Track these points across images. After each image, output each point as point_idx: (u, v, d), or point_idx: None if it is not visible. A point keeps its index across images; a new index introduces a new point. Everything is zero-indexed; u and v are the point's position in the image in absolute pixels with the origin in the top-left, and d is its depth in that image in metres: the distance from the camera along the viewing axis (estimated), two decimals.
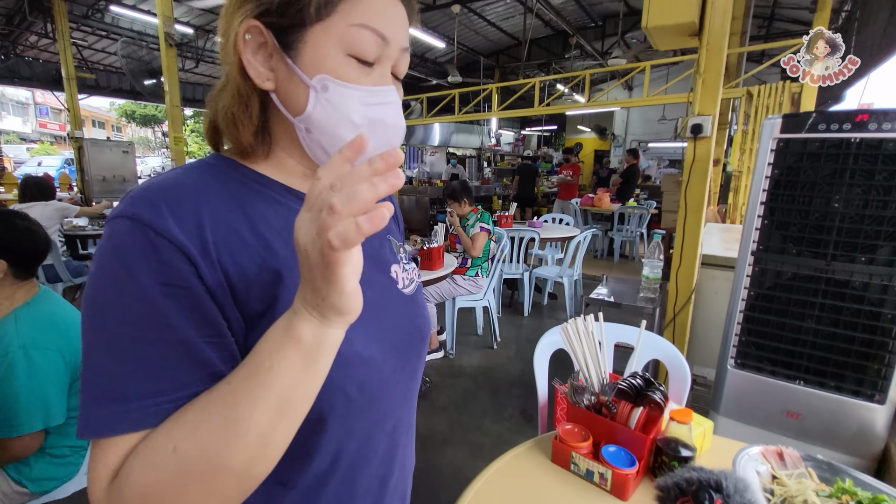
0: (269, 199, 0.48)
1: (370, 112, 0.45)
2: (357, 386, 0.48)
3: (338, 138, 0.45)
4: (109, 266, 0.39)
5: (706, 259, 2.17)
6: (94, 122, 26.26)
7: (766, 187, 1.50)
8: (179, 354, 0.38)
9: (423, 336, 0.60)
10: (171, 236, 0.38)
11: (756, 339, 1.59)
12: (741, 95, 4.01)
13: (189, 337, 0.38)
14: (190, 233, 0.40)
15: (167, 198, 0.41)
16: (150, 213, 0.39)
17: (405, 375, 0.57)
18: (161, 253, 0.38)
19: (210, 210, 0.42)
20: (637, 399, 0.83)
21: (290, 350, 0.36)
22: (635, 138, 13.23)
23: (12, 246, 1.14)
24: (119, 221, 0.39)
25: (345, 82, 0.44)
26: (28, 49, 8.96)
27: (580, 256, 3.86)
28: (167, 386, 0.37)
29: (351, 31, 0.44)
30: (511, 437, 2.23)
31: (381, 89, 0.46)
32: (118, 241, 0.39)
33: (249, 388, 0.36)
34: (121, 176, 7.37)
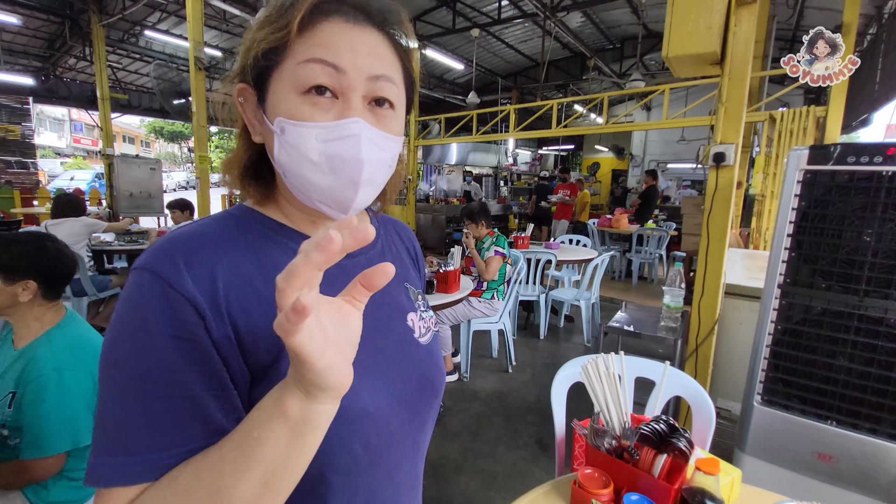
0: (283, 247, 0.49)
1: (328, 149, 0.44)
2: (362, 443, 0.47)
3: (304, 179, 0.45)
4: (127, 318, 0.41)
5: (730, 288, 2.12)
6: (125, 138, 27.29)
7: (794, 219, 1.47)
8: (185, 409, 0.39)
9: (435, 389, 0.58)
10: (184, 290, 0.40)
11: (784, 375, 1.53)
12: (764, 119, 3.96)
13: (195, 392, 0.39)
14: (203, 287, 0.41)
15: (186, 252, 0.43)
16: (168, 266, 0.41)
17: (413, 429, 0.55)
18: (174, 307, 0.40)
19: (227, 263, 0.44)
20: (660, 445, 0.80)
21: (277, 423, 0.35)
22: (654, 158, 13.13)
23: (43, 267, 1.17)
24: (140, 274, 0.42)
25: (299, 121, 0.43)
26: (66, 71, 9.43)
27: (598, 279, 3.81)
28: (171, 441, 0.38)
29: (299, 69, 0.43)
30: (526, 466, 2.17)
31: (338, 123, 0.43)
32: (137, 293, 0.41)
33: (237, 457, 0.36)
34: (147, 192, 7.61)
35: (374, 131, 0.45)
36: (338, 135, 0.43)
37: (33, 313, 1.16)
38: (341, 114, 0.44)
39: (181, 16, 7.57)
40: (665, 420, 0.83)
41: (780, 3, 5.29)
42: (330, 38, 0.43)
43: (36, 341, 1.12)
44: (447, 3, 8.03)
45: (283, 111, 0.44)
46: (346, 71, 0.43)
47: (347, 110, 0.44)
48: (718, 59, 1.85)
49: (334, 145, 0.44)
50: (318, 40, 0.43)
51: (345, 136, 0.43)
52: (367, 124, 0.45)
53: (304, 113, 0.43)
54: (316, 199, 0.47)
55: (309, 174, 0.45)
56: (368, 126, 0.45)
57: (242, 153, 0.50)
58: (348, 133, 0.43)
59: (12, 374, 1.08)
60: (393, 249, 0.64)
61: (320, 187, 0.45)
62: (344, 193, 0.46)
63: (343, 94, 0.44)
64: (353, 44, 0.44)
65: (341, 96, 0.44)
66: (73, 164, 20.31)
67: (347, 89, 0.44)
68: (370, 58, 0.45)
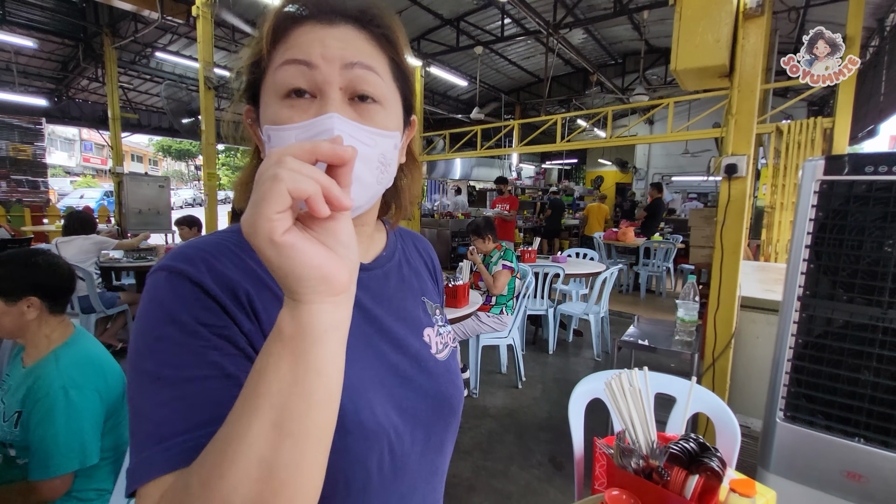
0: None
1: None
2: (378, 461, 0.45)
3: None
4: (152, 312, 0.40)
5: (745, 301, 2.08)
6: (133, 157, 27.71)
7: (811, 230, 1.44)
8: (221, 389, 0.37)
9: (452, 407, 0.55)
10: (207, 287, 0.40)
11: (807, 390, 1.49)
12: (770, 131, 3.96)
13: (230, 371, 0.38)
14: (223, 287, 0.41)
15: (203, 255, 0.43)
16: (187, 265, 0.41)
17: (430, 450, 0.53)
18: (200, 299, 0.40)
19: (243, 268, 0.44)
20: (691, 465, 0.77)
21: (274, 345, 0.31)
22: (657, 171, 13.15)
23: (39, 282, 1.15)
24: (157, 274, 0.41)
25: (279, 125, 0.43)
26: (79, 91, 9.63)
27: (606, 293, 3.77)
28: (206, 418, 0.36)
29: (276, 74, 0.44)
30: (540, 486, 2.11)
31: (314, 121, 0.42)
32: (157, 292, 0.40)
33: (244, 398, 0.31)
34: (156, 209, 7.69)
35: (352, 125, 0.43)
36: (313, 132, 0.42)
37: (42, 331, 1.15)
38: (318, 111, 0.42)
39: (191, 37, 7.75)
40: (695, 438, 0.80)
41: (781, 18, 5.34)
42: (301, 39, 0.43)
43: (43, 360, 1.10)
44: (451, 22, 8.17)
45: (268, 119, 0.44)
46: (317, 65, 0.42)
47: (324, 107, 0.42)
48: (727, 72, 1.85)
49: None
50: (290, 44, 0.44)
51: (320, 133, 0.41)
52: (344, 118, 0.42)
53: (284, 116, 0.43)
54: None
55: None
56: (344, 119, 0.42)
57: (253, 170, 0.50)
58: (322, 128, 0.41)
59: (19, 393, 1.07)
60: (411, 262, 0.62)
61: None
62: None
63: (320, 91, 0.43)
64: (323, 39, 0.43)
65: (318, 94, 0.43)
66: (82, 182, 20.61)
67: (322, 84, 0.43)
68: (343, 49, 0.43)
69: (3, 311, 1.09)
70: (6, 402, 1.08)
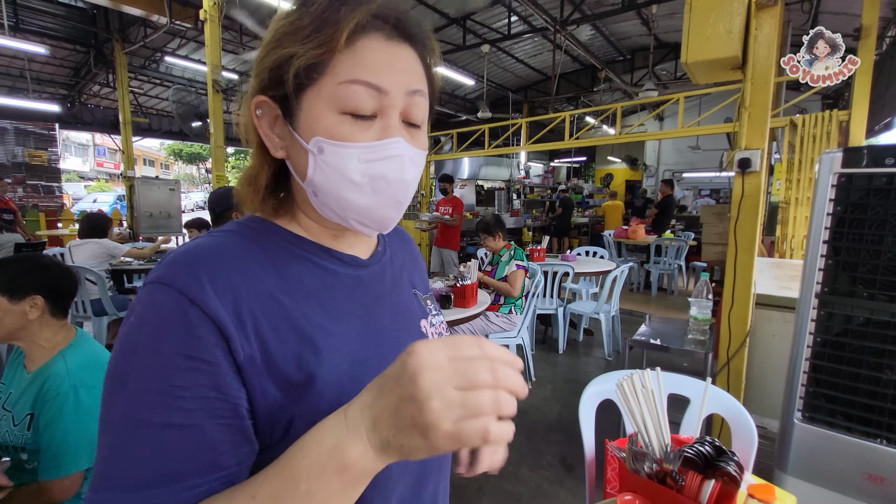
0: (303, 260, 0.47)
1: (370, 169, 0.43)
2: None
3: (342, 199, 0.44)
4: (136, 335, 0.38)
5: (760, 299, 2.03)
6: (145, 161, 28.12)
7: (829, 225, 1.40)
8: (186, 440, 0.36)
9: None
10: (206, 307, 0.38)
11: (826, 390, 1.44)
12: (784, 125, 3.88)
13: (199, 420, 0.36)
14: (226, 301, 0.39)
15: (206, 264, 0.40)
16: (187, 280, 0.38)
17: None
18: (193, 325, 0.37)
19: (249, 276, 0.42)
20: (706, 469, 0.74)
21: (332, 476, 0.32)
22: (668, 168, 13.01)
23: (46, 282, 1.16)
24: (154, 288, 0.39)
25: (340, 141, 0.42)
26: (91, 97, 9.79)
27: (617, 291, 3.72)
28: (166, 476, 0.35)
29: (341, 89, 0.42)
30: (551, 488, 2.09)
31: (380, 144, 0.43)
32: (150, 309, 0.38)
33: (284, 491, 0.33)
34: (166, 212, 7.78)
35: (413, 150, 0.45)
36: (381, 155, 0.43)
37: (43, 335, 1.15)
38: (382, 133, 0.43)
39: (199, 41, 7.82)
40: (710, 442, 0.77)
41: (794, 9, 5.23)
42: (371, 57, 0.42)
43: (50, 362, 1.10)
44: (457, 21, 8.14)
45: (322, 130, 0.42)
46: (388, 91, 0.43)
47: (388, 129, 0.43)
48: (740, 64, 1.81)
49: (377, 165, 0.43)
50: (360, 60, 0.42)
51: (388, 157, 0.43)
52: (408, 144, 0.44)
53: (345, 133, 0.42)
54: (352, 217, 0.46)
55: (349, 194, 0.44)
56: (409, 146, 0.44)
57: (263, 169, 0.49)
58: (392, 153, 0.43)
59: (28, 396, 1.07)
60: (399, 255, 0.63)
61: (360, 207, 0.44)
62: (386, 213, 0.46)
63: (382, 112, 0.43)
64: (392, 62, 0.43)
65: (380, 114, 0.43)
66: (95, 187, 20.96)
67: (388, 108, 0.43)
68: (407, 75, 0.44)
69: (7, 310, 1.09)
70: (13, 410, 1.08)
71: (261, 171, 0.48)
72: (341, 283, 0.49)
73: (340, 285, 0.49)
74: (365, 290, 0.51)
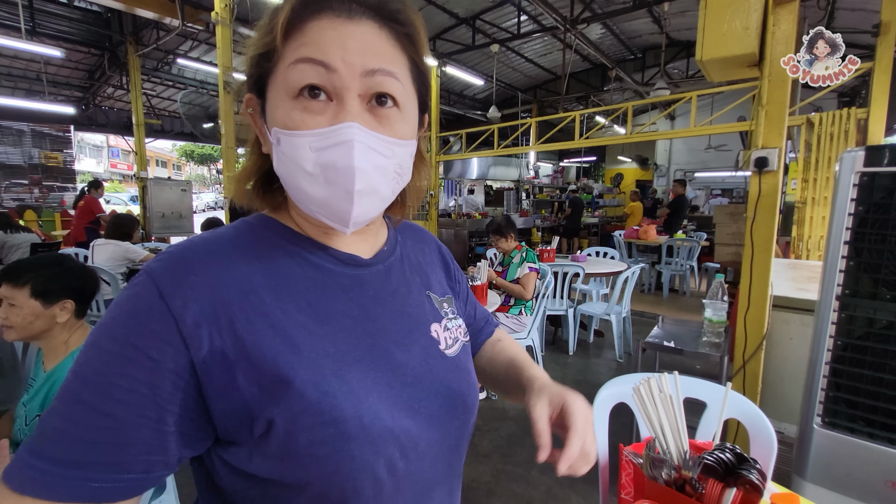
0: (296, 257, 0.47)
1: (321, 158, 0.40)
2: (387, 466, 0.43)
3: (300, 191, 0.43)
4: (107, 315, 0.39)
5: (777, 301, 1.99)
6: (158, 162, 28.50)
7: (850, 225, 1.36)
8: (101, 429, 0.36)
9: (466, 405, 0.53)
10: (172, 303, 0.38)
11: (847, 395, 1.41)
12: (800, 123, 3.81)
13: (121, 414, 0.36)
14: (201, 296, 0.39)
15: (189, 260, 0.41)
16: (165, 273, 0.39)
17: (445, 450, 0.50)
18: (151, 317, 0.38)
19: (234, 272, 0.42)
20: (727, 477, 0.72)
21: None
22: (679, 167, 12.86)
23: (76, 285, 1.18)
24: (141, 275, 0.40)
25: (292, 130, 0.40)
26: (105, 99, 9.94)
27: (628, 292, 3.68)
28: (82, 459, 0.36)
29: (289, 71, 0.40)
30: (562, 492, 2.06)
31: (329, 130, 0.40)
32: (124, 297, 0.40)
33: None
34: (178, 212, 7.87)
35: (372, 135, 0.41)
36: (330, 142, 0.40)
37: (62, 336, 1.16)
38: (335, 118, 0.40)
39: (211, 43, 7.90)
40: (731, 448, 0.75)
41: (810, 6, 5.14)
42: (318, 35, 0.40)
43: (62, 363, 1.11)
44: (466, 21, 8.13)
45: (278, 120, 0.41)
46: (336, 69, 0.40)
47: (341, 113, 0.40)
48: (757, 61, 1.77)
49: (327, 154, 0.40)
50: (306, 39, 0.40)
51: (337, 143, 0.40)
52: (364, 128, 0.41)
53: (296, 120, 0.40)
54: (315, 210, 0.44)
55: (305, 185, 0.42)
56: (364, 130, 0.41)
57: (254, 165, 0.49)
58: (341, 139, 0.40)
59: (39, 397, 1.08)
60: (413, 257, 0.60)
61: (317, 199, 0.42)
62: (340, 205, 0.42)
63: (337, 95, 0.41)
64: (344, 39, 0.40)
65: (335, 97, 0.41)
66: (109, 188, 21.28)
67: (340, 89, 0.40)
68: (363, 53, 0.41)
69: (39, 314, 1.10)
70: (28, 407, 1.09)
71: (254, 167, 0.49)
72: (334, 282, 0.48)
73: (334, 284, 0.48)
74: (363, 290, 0.50)
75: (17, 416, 1.10)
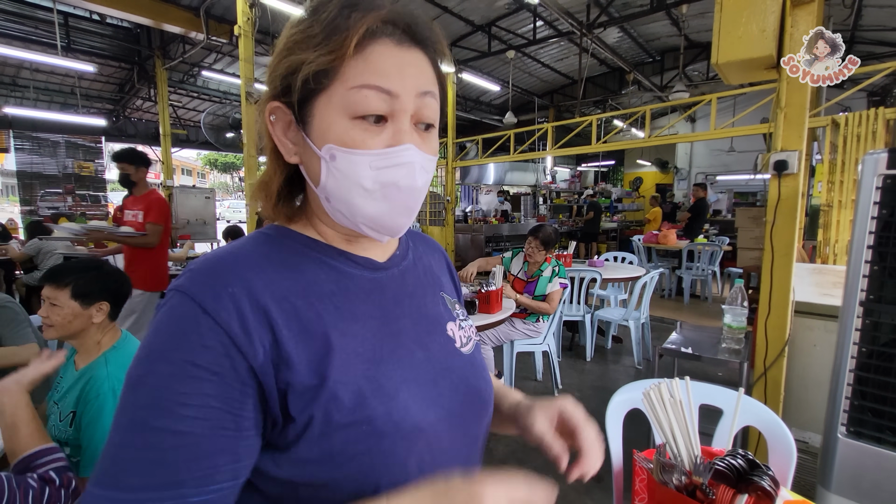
0: (318, 263, 0.48)
1: (381, 176, 0.43)
2: (417, 461, 0.44)
3: (353, 206, 0.44)
4: (152, 341, 0.40)
5: (800, 307, 1.94)
6: (183, 171, 29.35)
7: (874, 229, 1.33)
8: (184, 448, 0.36)
9: (483, 400, 0.55)
10: (218, 317, 0.39)
11: (873, 403, 1.36)
12: (825, 124, 3.71)
13: (200, 430, 0.37)
14: (241, 306, 0.40)
15: (223, 272, 0.42)
16: (202, 289, 0.40)
17: (466, 445, 0.52)
18: (202, 335, 0.38)
19: (265, 280, 0.43)
20: (739, 483, 0.72)
21: None
22: (701, 171, 12.60)
23: (112, 288, 1.24)
24: (173, 296, 0.41)
25: (351, 149, 0.42)
26: (134, 111, 10.32)
27: (647, 298, 3.63)
28: (161, 482, 0.36)
29: (351, 94, 0.42)
30: (578, 498, 2.04)
31: (391, 151, 0.43)
32: (166, 319, 0.40)
33: None
34: (202, 219, 8.09)
35: (425, 157, 0.45)
36: (392, 162, 0.43)
37: (96, 336, 1.22)
38: (393, 139, 0.43)
39: (234, 56, 8.14)
40: (743, 455, 0.74)
41: (835, 4, 5.01)
42: (381, 62, 0.42)
43: (94, 363, 1.17)
44: (482, 28, 8.18)
45: (333, 137, 0.43)
46: (398, 95, 0.43)
47: (399, 135, 0.43)
48: (774, 63, 1.74)
49: (388, 173, 0.43)
50: (370, 65, 0.42)
51: (399, 164, 0.43)
52: (419, 150, 0.44)
53: (356, 139, 0.42)
54: (362, 223, 0.46)
55: (360, 201, 0.44)
56: (420, 152, 0.44)
57: (276, 174, 0.50)
58: (403, 161, 0.43)
59: (73, 394, 1.14)
60: (424, 259, 0.62)
61: (371, 214, 0.45)
62: (397, 220, 0.46)
63: (393, 117, 0.43)
64: (403, 66, 0.43)
65: (391, 119, 0.43)
66: None
67: (398, 112, 0.43)
68: (417, 78, 0.44)
69: (78, 314, 1.17)
70: (60, 404, 1.15)
71: (273, 177, 0.49)
72: (356, 286, 0.49)
73: (356, 287, 0.49)
74: (382, 292, 0.51)
75: (51, 413, 1.16)
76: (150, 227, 2.81)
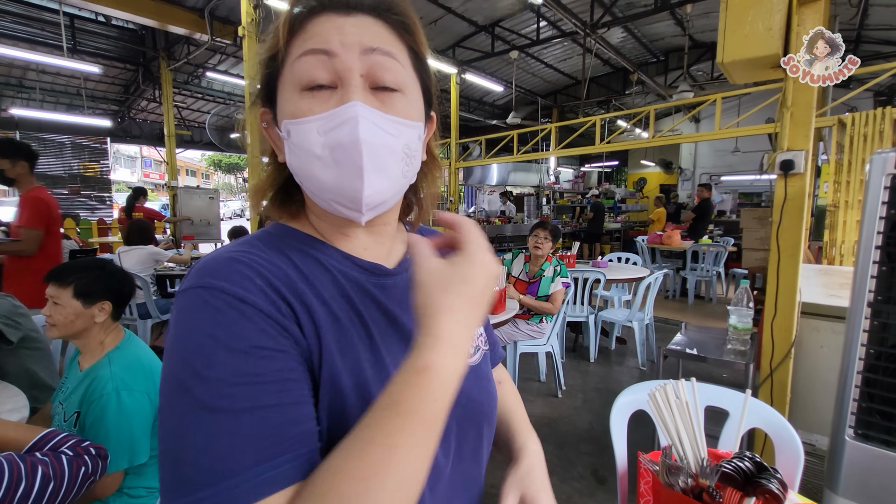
0: (319, 263, 0.48)
1: (328, 139, 0.41)
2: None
3: (313, 178, 0.43)
4: (192, 338, 0.37)
5: (806, 308, 1.92)
6: (187, 171, 29.49)
7: (882, 229, 1.31)
8: (277, 416, 0.36)
9: (484, 413, 0.53)
10: (258, 304, 0.38)
11: (881, 406, 1.35)
12: (832, 124, 3.68)
13: (285, 400, 0.37)
14: (272, 297, 0.40)
15: (241, 267, 0.41)
16: (230, 282, 0.38)
17: (463, 459, 0.51)
18: (251, 319, 0.37)
19: (278, 275, 0.42)
20: (746, 486, 0.71)
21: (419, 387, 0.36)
22: (705, 171, 12.55)
23: (115, 288, 1.25)
24: (195, 293, 0.38)
25: (299, 118, 0.42)
26: (138, 112, 10.38)
27: (651, 299, 3.61)
28: (272, 452, 0.35)
29: (295, 66, 0.43)
30: (582, 500, 2.03)
31: (336, 111, 0.41)
32: (201, 313, 0.37)
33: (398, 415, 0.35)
34: (206, 220, 8.12)
35: (377, 113, 0.42)
36: (336, 122, 0.41)
37: (99, 336, 1.23)
38: (340, 101, 0.42)
39: (238, 56, 8.17)
40: (750, 457, 0.73)
41: (841, 3, 4.98)
42: (319, 29, 0.43)
43: (98, 363, 1.17)
44: (486, 29, 8.18)
45: (288, 112, 0.43)
46: (336, 53, 0.42)
47: (346, 95, 0.42)
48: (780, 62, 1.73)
49: (334, 134, 0.41)
50: (307, 35, 0.43)
51: (343, 122, 0.41)
52: (368, 106, 0.42)
53: (303, 108, 0.42)
54: (329, 199, 0.45)
55: (316, 171, 0.43)
56: (368, 108, 0.42)
57: (271, 176, 0.51)
58: (346, 117, 0.41)
59: (77, 395, 1.14)
60: None
61: (329, 184, 0.43)
62: (351, 184, 0.42)
63: (340, 80, 0.42)
64: (342, 27, 0.43)
65: (339, 83, 0.42)
66: None
67: (343, 71, 0.42)
68: (361, 35, 0.43)
69: (80, 313, 1.17)
70: (65, 405, 1.15)
71: (269, 177, 0.51)
72: (362, 290, 0.49)
73: (361, 291, 0.49)
74: (389, 297, 0.50)
75: (55, 414, 1.17)
76: (24, 232, 2.31)
